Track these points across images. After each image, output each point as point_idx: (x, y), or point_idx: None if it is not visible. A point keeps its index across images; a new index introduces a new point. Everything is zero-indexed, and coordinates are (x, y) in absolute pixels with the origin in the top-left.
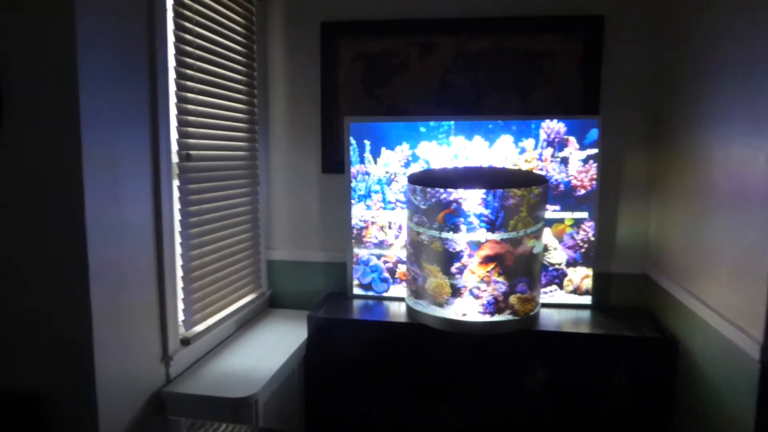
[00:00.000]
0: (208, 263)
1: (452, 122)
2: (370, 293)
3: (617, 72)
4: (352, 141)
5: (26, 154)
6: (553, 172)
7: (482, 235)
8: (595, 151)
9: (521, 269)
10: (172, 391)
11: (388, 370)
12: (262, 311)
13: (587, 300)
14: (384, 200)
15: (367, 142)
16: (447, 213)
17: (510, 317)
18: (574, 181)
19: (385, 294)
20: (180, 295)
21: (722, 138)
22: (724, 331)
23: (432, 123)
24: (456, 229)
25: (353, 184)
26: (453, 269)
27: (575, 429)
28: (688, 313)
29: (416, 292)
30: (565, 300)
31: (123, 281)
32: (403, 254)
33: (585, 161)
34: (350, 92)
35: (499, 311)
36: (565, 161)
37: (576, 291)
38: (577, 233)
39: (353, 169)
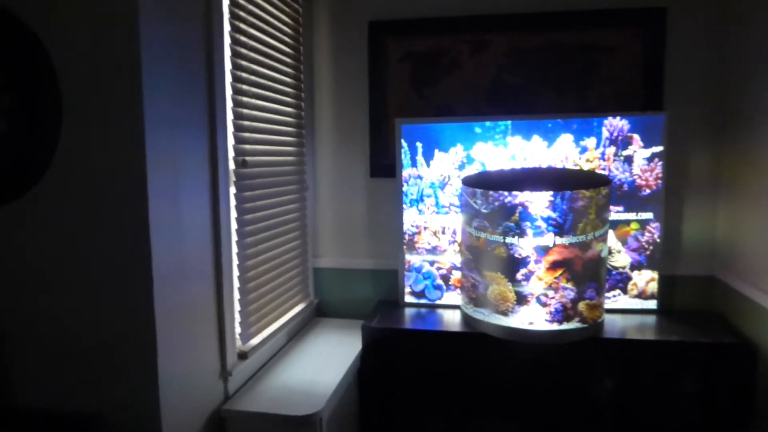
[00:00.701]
0: (264, 272)
1: (509, 122)
2: (423, 301)
3: (681, 66)
4: (403, 143)
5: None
6: (617, 171)
7: (550, 239)
8: (660, 149)
9: (589, 274)
10: (233, 409)
11: (446, 382)
12: (310, 321)
13: (652, 304)
14: (437, 204)
15: (419, 144)
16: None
17: (578, 325)
18: (638, 181)
19: (438, 302)
20: (237, 306)
21: None
22: None
23: (488, 123)
24: (522, 233)
25: (405, 188)
26: (518, 276)
27: None
28: None
29: (476, 300)
30: (630, 305)
31: (183, 292)
32: (457, 260)
33: (649, 159)
34: (399, 93)
35: (568, 319)
36: (628, 160)
37: (641, 295)
38: (642, 235)
39: (405, 173)
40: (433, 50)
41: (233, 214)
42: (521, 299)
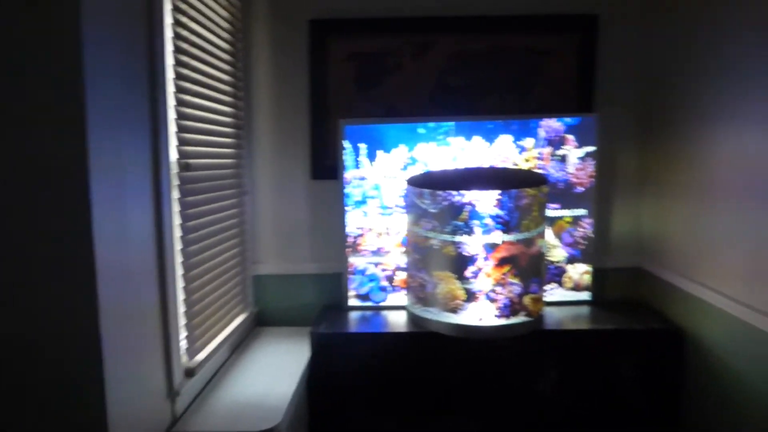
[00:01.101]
0: (208, 282)
1: (452, 123)
2: (368, 304)
3: (611, 71)
4: (347, 144)
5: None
6: (553, 170)
7: (498, 236)
8: (592, 148)
9: (533, 269)
10: (185, 431)
11: (397, 383)
12: (252, 331)
13: (586, 296)
14: (381, 205)
15: (362, 146)
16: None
17: (524, 319)
18: (572, 179)
19: (383, 304)
20: (182, 320)
21: (733, 134)
22: (749, 319)
23: (431, 124)
24: (471, 231)
25: (348, 190)
26: (467, 273)
27: (588, 426)
28: (697, 303)
29: (424, 300)
30: (565, 297)
31: (127, 304)
32: (402, 261)
33: (583, 159)
34: (342, 94)
35: (515, 313)
36: (563, 159)
37: (576, 287)
38: (576, 230)
39: (348, 174)
40: (377, 51)
41: (176, 220)
42: (470, 296)
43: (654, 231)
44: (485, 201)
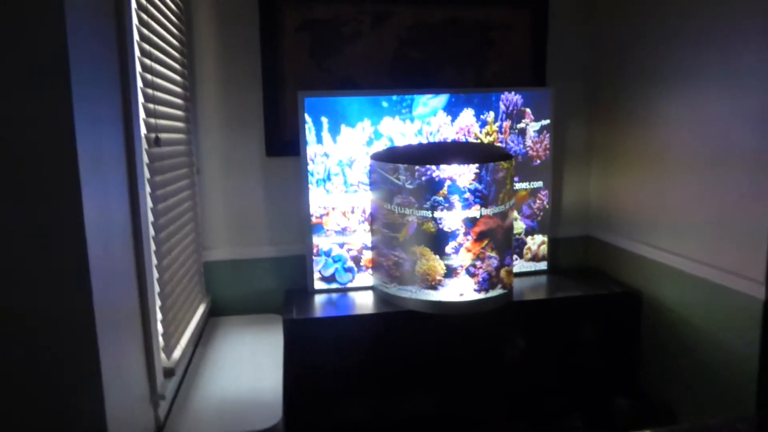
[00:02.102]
0: (176, 272)
1: (415, 96)
2: (334, 286)
3: (562, 45)
4: (307, 119)
5: None
6: (512, 143)
7: (477, 211)
8: (547, 122)
9: (507, 242)
10: None
11: (376, 365)
12: (208, 323)
13: (543, 266)
14: (345, 183)
15: (324, 120)
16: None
17: (501, 291)
18: (530, 152)
19: (350, 285)
20: (159, 315)
21: (689, 96)
22: (711, 277)
23: (394, 98)
24: (451, 207)
25: (310, 168)
26: (448, 249)
27: (556, 391)
28: (652, 265)
29: (400, 278)
30: (525, 268)
31: (114, 301)
32: (368, 240)
33: (539, 132)
34: (297, 64)
35: (492, 287)
36: (522, 133)
37: (534, 258)
38: (534, 203)
39: (310, 150)
40: (334, 19)
41: (148, 203)
42: (450, 272)
43: (601, 200)
44: (465, 175)
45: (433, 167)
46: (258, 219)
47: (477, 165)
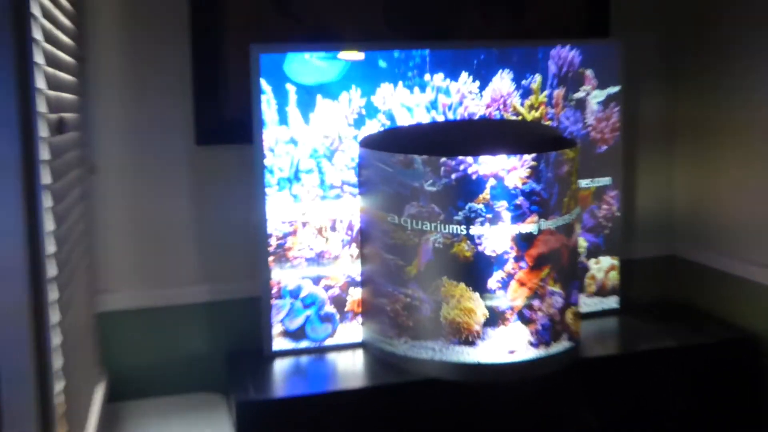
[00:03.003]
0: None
1: (425, 52)
2: (304, 344)
3: None
4: (265, 86)
5: None
6: (567, 121)
7: (534, 223)
8: (616, 89)
9: (573, 269)
10: None
11: None
12: (107, 413)
13: (614, 302)
14: (322, 184)
15: (290, 89)
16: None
17: (567, 344)
18: (592, 134)
19: (329, 342)
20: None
21: None
22: None
23: (396, 54)
24: (496, 218)
25: (268, 162)
26: (491, 283)
27: None
28: None
29: (413, 330)
30: (589, 306)
31: None
32: (357, 271)
33: (604, 104)
34: (245, 7)
35: (556, 338)
36: (580, 105)
37: (600, 291)
38: (598, 208)
39: (268, 135)
40: None
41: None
42: (495, 318)
43: (692, 203)
44: (515, 171)
45: (469, 159)
46: (184, 244)
47: (534, 155)
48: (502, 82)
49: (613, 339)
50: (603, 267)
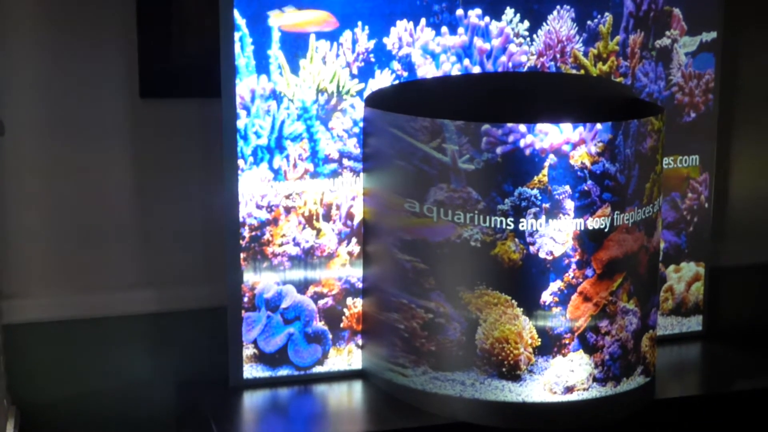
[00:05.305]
0: None
1: None
2: (284, 372)
3: None
4: (239, 19)
5: None
6: (645, 78)
7: (606, 217)
8: (712, 36)
9: (653, 280)
10: None
11: None
12: None
13: (697, 324)
14: (314, 156)
15: (273, 26)
16: None
17: (642, 380)
18: (679, 96)
19: (318, 369)
20: None
21: None
22: None
23: None
24: (557, 209)
25: (241, 123)
26: (546, 297)
27: None
28: None
29: (437, 358)
30: (665, 328)
31: None
32: (357, 274)
33: (694, 57)
34: None
35: (629, 372)
36: (664, 56)
37: (680, 309)
38: (682, 197)
39: (242, 88)
40: None
41: None
42: (549, 343)
43: None
44: (583, 145)
45: (522, 127)
46: (121, 232)
47: (609, 124)
48: (561, 22)
49: (695, 373)
50: (685, 276)
